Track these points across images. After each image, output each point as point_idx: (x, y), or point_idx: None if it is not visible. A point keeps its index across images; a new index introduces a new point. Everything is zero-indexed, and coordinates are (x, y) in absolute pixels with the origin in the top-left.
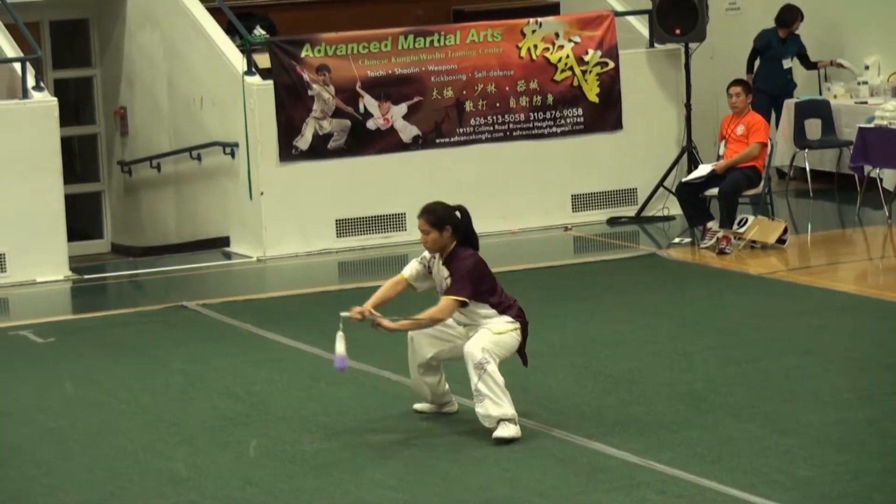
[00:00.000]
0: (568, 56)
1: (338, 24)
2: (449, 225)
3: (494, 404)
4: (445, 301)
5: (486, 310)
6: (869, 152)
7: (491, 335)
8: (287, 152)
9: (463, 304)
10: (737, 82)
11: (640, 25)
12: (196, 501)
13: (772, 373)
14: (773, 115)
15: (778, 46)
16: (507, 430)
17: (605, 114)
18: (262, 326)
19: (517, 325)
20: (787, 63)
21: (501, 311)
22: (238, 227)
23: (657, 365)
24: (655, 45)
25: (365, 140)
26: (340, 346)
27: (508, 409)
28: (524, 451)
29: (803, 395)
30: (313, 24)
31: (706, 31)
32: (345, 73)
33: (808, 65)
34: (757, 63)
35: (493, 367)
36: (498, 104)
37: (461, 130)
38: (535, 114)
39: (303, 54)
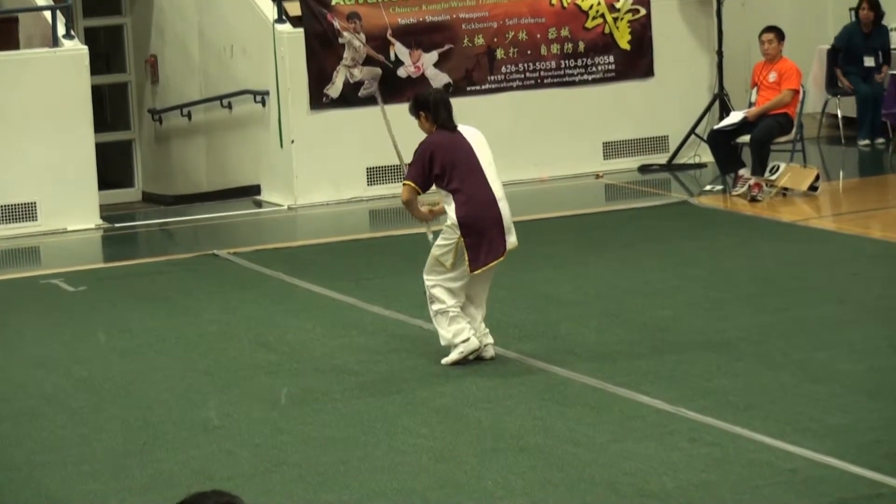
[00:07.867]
0: (599, 3)
1: None
2: (421, 111)
3: (442, 328)
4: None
5: (449, 198)
6: None
7: (429, 259)
8: (318, 100)
9: (415, 189)
10: (769, 29)
11: None
12: (228, 450)
13: (804, 321)
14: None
15: (861, 43)
16: (450, 357)
17: (636, 61)
18: (294, 275)
19: (451, 243)
20: (868, 61)
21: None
22: (269, 175)
23: (689, 313)
24: None
25: (396, 88)
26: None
27: (449, 336)
28: (556, 400)
29: (836, 343)
30: None
31: None
32: (375, 20)
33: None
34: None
35: (436, 291)
36: (529, 52)
37: (492, 78)
38: (567, 61)
39: (333, 2)
